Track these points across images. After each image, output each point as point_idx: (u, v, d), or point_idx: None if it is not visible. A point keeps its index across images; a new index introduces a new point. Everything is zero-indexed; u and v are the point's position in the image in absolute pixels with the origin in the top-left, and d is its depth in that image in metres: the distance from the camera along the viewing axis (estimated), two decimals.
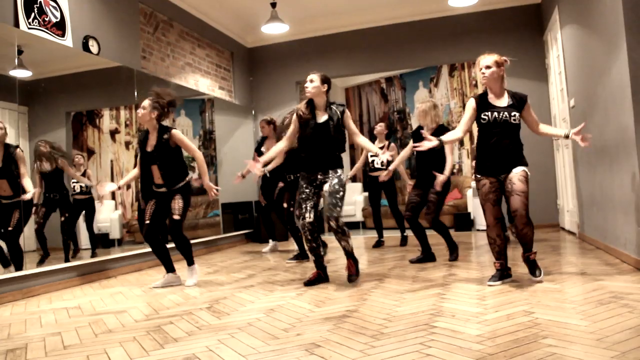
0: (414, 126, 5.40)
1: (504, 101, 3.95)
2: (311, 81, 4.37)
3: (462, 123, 4.07)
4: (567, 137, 3.90)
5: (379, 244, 6.90)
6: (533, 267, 3.91)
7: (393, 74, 11.14)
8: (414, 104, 10.92)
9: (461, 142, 10.28)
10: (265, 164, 4.91)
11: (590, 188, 5.58)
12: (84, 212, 5.89)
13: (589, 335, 2.44)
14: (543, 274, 3.89)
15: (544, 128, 4.01)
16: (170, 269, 4.80)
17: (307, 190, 4.33)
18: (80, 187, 5.78)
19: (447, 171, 5.12)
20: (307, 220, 4.26)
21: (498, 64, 3.93)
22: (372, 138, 7.00)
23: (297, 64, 9.21)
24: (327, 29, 9.03)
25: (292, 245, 7.46)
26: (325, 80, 4.38)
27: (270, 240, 7.27)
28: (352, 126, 4.41)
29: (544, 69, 7.92)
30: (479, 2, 7.60)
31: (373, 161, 6.79)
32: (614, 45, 4.29)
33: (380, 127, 6.92)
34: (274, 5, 7.67)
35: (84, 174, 5.79)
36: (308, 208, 4.29)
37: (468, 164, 10.14)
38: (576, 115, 6.02)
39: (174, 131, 4.69)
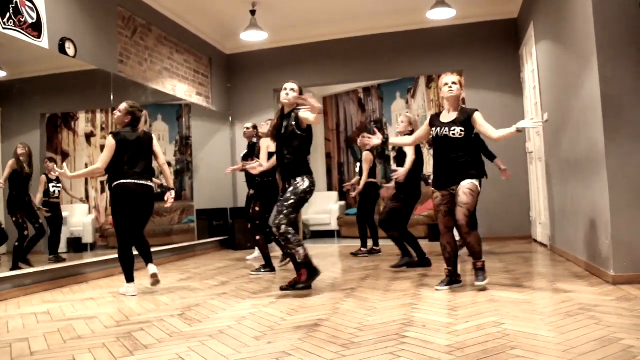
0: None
1: (451, 117, 4.18)
2: (292, 90, 4.39)
3: (415, 133, 4.50)
4: (518, 131, 3.93)
5: (358, 253, 6.91)
6: (477, 274, 4.12)
7: (371, 84, 11.20)
8: (391, 114, 11.00)
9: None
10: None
11: (561, 201, 5.67)
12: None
13: (556, 346, 2.48)
14: (486, 282, 4.07)
15: (498, 133, 4.05)
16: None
17: (280, 199, 4.35)
18: (58, 190, 5.68)
19: (407, 165, 5.38)
20: (276, 222, 4.24)
21: (461, 85, 4.22)
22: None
23: (275, 72, 9.22)
24: (306, 38, 9.06)
25: (277, 252, 7.35)
26: (297, 90, 4.42)
27: (256, 249, 7.11)
28: (304, 116, 4.25)
29: (519, 83, 8.03)
30: (457, 16, 7.69)
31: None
32: (585, 61, 4.38)
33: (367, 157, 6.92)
34: (253, 12, 7.69)
35: (57, 180, 5.69)
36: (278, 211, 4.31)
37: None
38: (550, 129, 6.12)
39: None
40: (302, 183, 4.26)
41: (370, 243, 7.00)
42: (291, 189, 4.26)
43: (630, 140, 4.00)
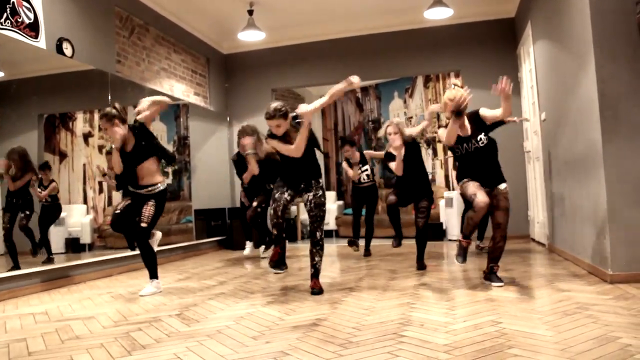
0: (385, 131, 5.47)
1: (467, 129, 4.22)
2: (278, 126, 4.16)
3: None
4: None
5: (352, 242, 6.87)
6: (495, 277, 4.20)
7: (369, 83, 11.20)
8: (389, 114, 11.00)
9: (435, 153, 10.38)
10: None
11: (559, 200, 5.68)
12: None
13: (554, 345, 2.48)
14: (503, 284, 4.14)
15: (502, 110, 4.13)
16: (132, 247, 4.81)
17: (288, 186, 4.31)
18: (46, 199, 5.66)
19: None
20: (285, 197, 4.25)
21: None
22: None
23: (273, 72, 9.23)
24: (304, 37, 9.06)
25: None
26: (286, 115, 4.20)
27: (248, 242, 7.26)
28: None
29: (516, 83, 8.03)
30: (454, 15, 7.70)
31: (359, 179, 6.88)
32: (583, 61, 4.38)
33: (349, 152, 6.89)
34: (250, 12, 7.69)
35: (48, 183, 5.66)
36: (288, 192, 4.29)
37: (441, 175, 10.24)
38: (547, 129, 6.13)
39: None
40: (323, 194, 4.33)
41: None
42: (320, 192, 4.28)
43: (627, 140, 4.01)
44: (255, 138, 4.72)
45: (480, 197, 4.02)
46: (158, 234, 4.86)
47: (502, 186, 4.19)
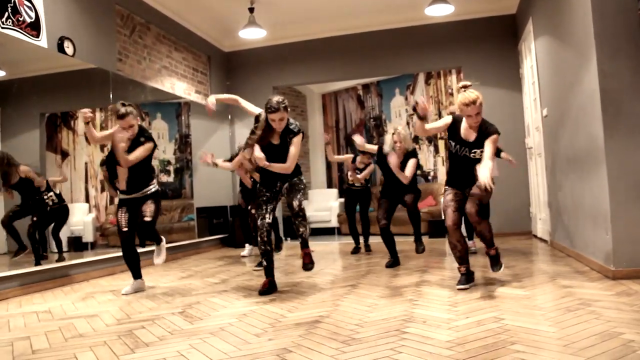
0: (390, 139, 5.51)
1: (471, 136, 4.02)
2: (281, 119, 4.19)
3: (433, 124, 4.24)
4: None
5: (356, 250, 6.93)
6: (492, 262, 4.12)
7: (370, 80, 11.20)
8: (390, 111, 11.00)
9: (437, 150, 10.37)
10: None
11: (561, 196, 5.67)
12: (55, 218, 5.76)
13: (557, 341, 2.48)
14: (502, 269, 4.12)
15: (485, 159, 3.88)
16: (138, 275, 4.73)
17: (267, 194, 4.33)
18: (52, 201, 5.63)
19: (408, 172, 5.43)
20: (267, 220, 4.26)
21: (481, 104, 3.89)
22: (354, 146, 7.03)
23: (274, 69, 9.23)
24: (305, 35, 9.05)
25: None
26: (287, 108, 4.25)
27: (247, 245, 7.23)
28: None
29: (518, 79, 8.03)
30: (455, 12, 7.69)
31: (352, 182, 6.92)
32: (584, 57, 4.38)
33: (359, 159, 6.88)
34: (251, 10, 7.68)
35: (48, 189, 5.64)
36: (268, 210, 4.29)
37: (443, 172, 10.23)
38: (549, 125, 6.13)
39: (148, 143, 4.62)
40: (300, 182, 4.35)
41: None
42: (295, 179, 4.30)
43: (629, 135, 4.01)
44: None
45: (448, 218, 4.03)
46: (163, 245, 4.90)
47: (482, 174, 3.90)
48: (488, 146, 3.89)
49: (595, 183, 4.34)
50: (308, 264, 4.21)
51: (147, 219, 4.58)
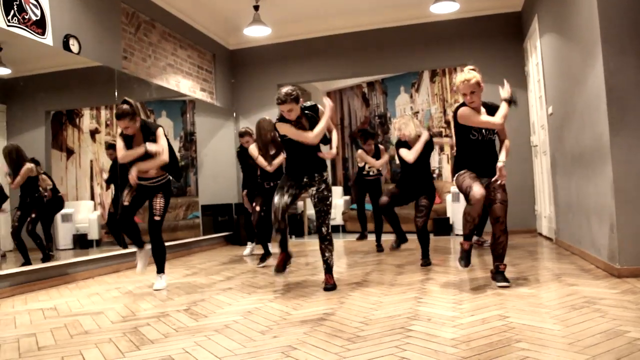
0: (393, 130, 5.48)
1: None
2: (290, 111, 4.10)
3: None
4: (506, 101, 3.95)
5: (362, 237, 6.90)
6: (500, 277, 3.96)
7: (375, 78, 11.19)
8: (395, 109, 10.99)
9: (441, 148, 10.36)
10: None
11: (566, 194, 5.66)
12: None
13: (562, 339, 2.48)
14: (508, 283, 3.90)
15: (497, 118, 3.98)
16: (141, 244, 4.73)
17: (292, 182, 4.25)
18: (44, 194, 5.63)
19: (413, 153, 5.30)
20: (284, 201, 4.19)
21: (479, 84, 3.95)
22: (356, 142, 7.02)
23: (279, 67, 9.23)
24: (310, 32, 9.05)
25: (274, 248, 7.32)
26: (297, 99, 4.14)
27: (249, 243, 7.21)
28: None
29: (523, 76, 8.01)
30: (460, 9, 7.67)
31: (368, 171, 6.89)
32: (590, 54, 4.36)
33: (362, 151, 6.87)
34: (256, 8, 7.68)
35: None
36: (289, 193, 4.22)
37: (448, 169, 10.22)
38: (554, 123, 6.11)
39: (159, 131, 4.60)
40: (327, 187, 4.25)
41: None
42: (323, 186, 4.21)
43: (635, 133, 3.99)
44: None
45: (476, 189, 3.85)
46: (147, 249, 4.81)
47: (500, 163, 3.99)
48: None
49: (600, 181, 4.33)
50: (328, 285, 4.20)
51: (157, 218, 4.60)
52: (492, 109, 4.07)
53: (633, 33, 4.02)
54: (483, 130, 4.04)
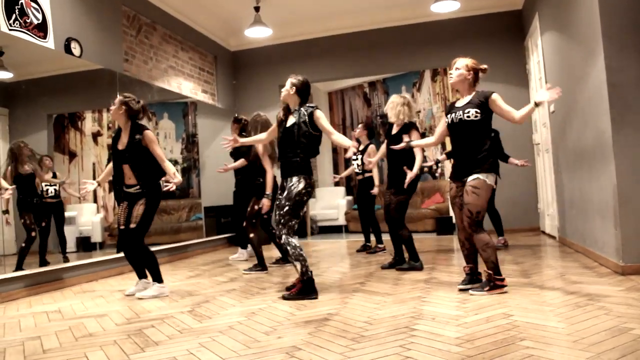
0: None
1: (465, 100, 3.89)
2: (293, 84, 4.27)
3: (436, 131, 4.12)
4: (537, 104, 3.71)
5: (364, 248, 6.85)
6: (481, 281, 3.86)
7: (376, 78, 11.19)
8: None
9: (443, 147, 10.34)
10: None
11: (569, 192, 5.65)
12: (53, 216, 5.67)
13: (566, 337, 2.48)
14: (480, 293, 3.65)
15: (519, 113, 3.71)
16: (142, 275, 4.58)
17: (279, 197, 4.13)
18: (55, 190, 5.62)
19: (415, 169, 4.95)
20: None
21: (468, 68, 3.90)
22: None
23: (281, 68, 9.22)
24: (311, 33, 9.06)
25: (274, 252, 7.19)
26: (295, 84, 4.25)
27: (240, 249, 6.99)
28: (326, 125, 4.11)
29: (524, 75, 8.00)
30: (461, 8, 7.67)
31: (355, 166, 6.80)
32: (591, 52, 4.36)
33: (359, 130, 6.83)
34: (257, 9, 7.69)
35: (54, 176, 5.64)
36: (278, 201, 4.13)
37: (449, 168, 10.20)
38: (556, 121, 6.11)
39: (147, 132, 4.40)
40: (297, 185, 3.99)
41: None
42: (285, 193, 4.02)
43: (637, 130, 3.99)
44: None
45: (455, 217, 3.88)
46: (145, 281, 4.60)
47: (470, 178, 3.70)
48: (502, 106, 3.81)
49: (603, 178, 4.33)
50: (288, 292, 4.04)
51: (132, 225, 4.32)
52: (481, 100, 3.84)
53: (634, 29, 4.02)
54: (452, 114, 3.87)
